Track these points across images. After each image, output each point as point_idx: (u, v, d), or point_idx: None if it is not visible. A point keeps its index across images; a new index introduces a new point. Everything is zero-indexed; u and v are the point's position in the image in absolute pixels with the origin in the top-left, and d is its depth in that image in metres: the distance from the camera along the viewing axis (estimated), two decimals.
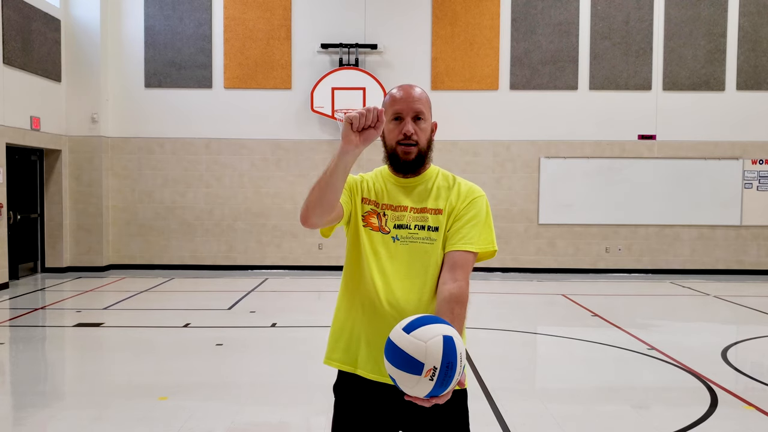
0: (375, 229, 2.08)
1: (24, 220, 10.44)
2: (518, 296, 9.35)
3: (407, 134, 2.01)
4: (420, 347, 1.61)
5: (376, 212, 2.10)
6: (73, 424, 4.20)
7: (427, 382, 1.61)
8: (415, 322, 1.67)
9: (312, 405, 4.59)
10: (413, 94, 2.03)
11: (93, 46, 11.06)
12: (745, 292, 9.67)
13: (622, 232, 11.45)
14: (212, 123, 11.36)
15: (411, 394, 1.65)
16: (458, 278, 1.96)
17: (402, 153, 2.03)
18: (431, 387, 1.62)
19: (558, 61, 11.32)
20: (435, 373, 1.60)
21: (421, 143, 2.04)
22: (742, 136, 11.35)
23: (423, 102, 2.04)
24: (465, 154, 11.33)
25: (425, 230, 2.04)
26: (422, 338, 1.62)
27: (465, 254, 2.00)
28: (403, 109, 2.02)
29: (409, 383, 1.63)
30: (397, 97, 2.03)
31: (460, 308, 1.90)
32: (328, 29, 11.28)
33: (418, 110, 2.02)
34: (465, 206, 2.06)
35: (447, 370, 1.61)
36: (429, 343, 1.61)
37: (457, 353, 1.63)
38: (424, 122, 2.04)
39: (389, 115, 2.04)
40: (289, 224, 11.43)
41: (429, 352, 1.60)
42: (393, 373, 1.65)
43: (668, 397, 4.84)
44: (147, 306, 8.39)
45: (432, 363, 1.60)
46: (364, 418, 2.05)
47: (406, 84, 2.08)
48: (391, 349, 1.65)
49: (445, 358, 1.61)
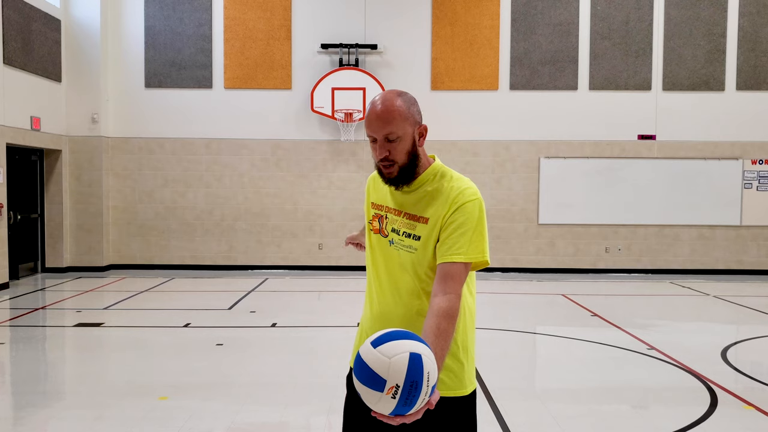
0: (376, 232, 2.08)
1: (24, 220, 10.44)
2: (518, 296, 9.36)
3: (380, 158, 1.96)
4: (383, 363, 1.53)
5: (380, 215, 2.09)
6: (73, 424, 4.20)
7: (389, 399, 1.53)
8: (384, 336, 1.60)
9: (312, 405, 4.59)
10: (382, 116, 1.93)
11: (93, 46, 11.06)
12: (745, 292, 9.67)
13: (622, 232, 11.45)
14: (212, 123, 11.37)
15: (376, 410, 1.58)
16: (449, 291, 1.87)
17: (384, 170, 1.99)
18: (394, 405, 1.54)
19: (558, 61, 11.32)
20: (397, 392, 1.52)
21: (400, 161, 1.97)
22: (742, 136, 11.35)
23: (394, 121, 1.92)
24: (465, 154, 11.33)
25: (410, 238, 2.00)
26: (387, 354, 1.55)
27: (455, 265, 1.90)
28: (372, 133, 1.96)
29: (371, 399, 1.56)
30: (368, 119, 1.96)
31: (447, 323, 1.81)
32: (328, 29, 11.28)
33: (387, 133, 1.93)
34: (452, 213, 1.94)
35: (411, 389, 1.53)
36: (393, 359, 1.53)
37: (423, 372, 1.54)
38: (399, 141, 1.94)
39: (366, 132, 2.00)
40: (289, 224, 11.44)
41: (392, 369, 1.52)
42: (358, 387, 1.58)
43: (668, 397, 4.85)
44: (147, 306, 8.39)
45: (395, 381, 1.52)
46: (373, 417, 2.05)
47: (381, 97, 1.97)
48: (358, 363, 1.58)
49: (410, 377, 1.52)
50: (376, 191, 2.14)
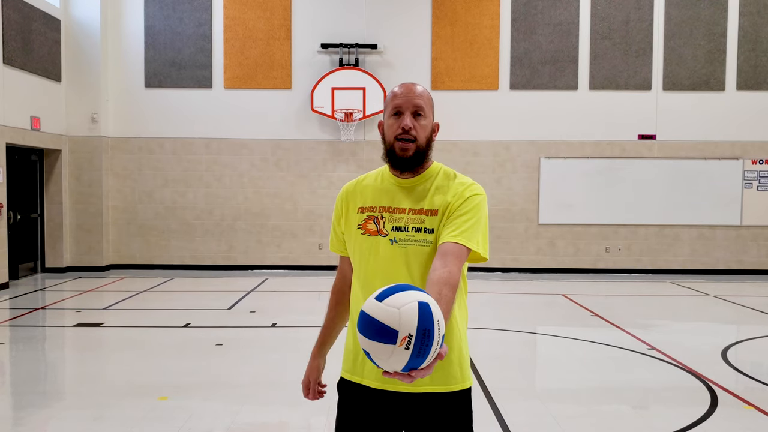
0: (373, 234, 2.06)
1: (24, 220, 10.44)
2: (518, 296, 9.35)
3: (405, 128, 1.97)
4: (393, 314, 1.51)
5: (373, 217, 2.07)
6: (73, 424, 4.20)
7: (403, 351, 1.50)
8: (387, 290, 1.57)
9: (312, 405, 4.56)
10: (414, 91, 2.01)
11: (93, 46, 11.05)
12: (745, 292, 9.67)
13: (622, 232, 11.45)
14: (212, 123, 11.36)
15: (388, 369, 1.55)
16: (448, 264, 1.84)
17: (399, 149, 2.00)
18: (408, 357, 1.50)
19: (558, 61, 11.31)
20: (411, 342, 1.49)
21: (420, 140, 2.00)
22: (742, 136, 11.35)
23: (424, 99, 2.01)
24: (465, 154, 11.33)
25: (422, 232, 1.99)
26: (396, 305, 1.52)
27: (457, 245, 1.90)
28: (402, 104, 1.99)
29: (383, 355, 1.52)
30: (398, 92, 2.02)
31: (448, 290, 1.79)
32: (328, 29, 11.27)
33: (418, 105, 1.99)
34: (460, 204, 1.97)
35: (423, 337, 1.50)
36: (403, 309, 1.51)
37: (434, 320, 1.52)
38: (423, 119, 2.00)
39: (389, 110, 2.02)
40: (289, 224, 11.43)
41: (403, 319, 1.50)
42: (366, 346, 1.54)
43: (668, 397, 4.84)
44: (147, 306, 8.39)
45: (407, 330, 1.49)
46: (367, 417, 2.05)
47: (409, 82, 2.06)
48: (364, 321, 1.54)
49: (421, 325, 1.50)
50: (362, 196, 2.13)
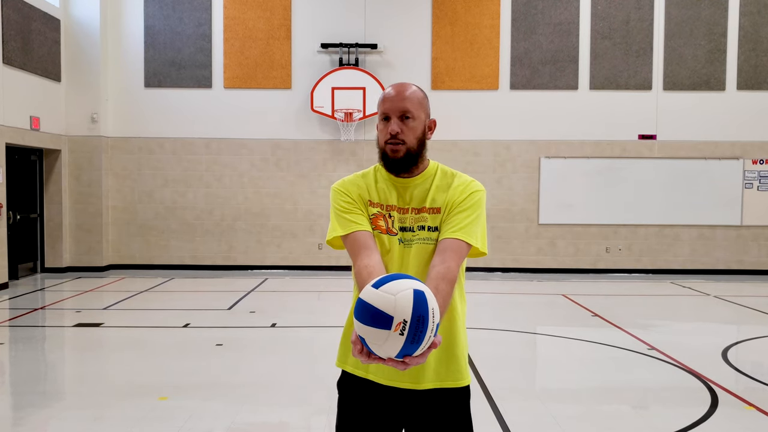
0: (384, 232, 2.05)
1: (24, 220, 10.43)
2: (518, 296, 9.35)
3: (392, 133, 1.99)
4: (389, 300, 1.56)
5: (383, 214, 2.07)
6: (73, 424, 4.19)
7: (398, 337, 1.55)
8: (385, 278, 1.63)
9: (312, 405, 4.59)
10: (402, 93, 2.00)
11: (93, 46, 11.05)
12: (745, 292, 9.66)
13: (622, 232, 11.45)
14: (212, 123, 11.36)
15: (382, 355, 1.59)
16: (447, 260, 1.90)
17: (390, 151, 2.01)
18: (402, 343, 1.56)
19: (558, 61, 11.31)
20: (405, 327, 1.54)
21: (409, 142, 2.00)
22: (742, 136, 11.34)
23: (412, 100, 2.00)
24: (465, 154, 11.32)
25: (425, 230, 2.02)
26: (391, 292, 1.57)
27: (456, 241, 1.95)
28: (389, 109, 2.00)
29: (378, 340, 1.57)
30: (386, 96, 2.03)
31: (446, 285, 1.83)
32: (328, 29, 11.27)
33: (404, 109, 1.99)
34: (461, 200, 2.01)
35: (418, 324, 1.55)
36: (398, 296, 1.56)
37: (428, 307, 1.57)
38: (412, 120, 2.00)
39: (379, 115, 2.05)
40: (289, 224, 11.43)
41: (398, 305, 1.55)
42: (362, 331, 1.59)
43: (668, 397, 4.84)
44: (147, 306, 8.38)
45: (402, 316, 1.54)
46: (368, 415, 2.05)
47: (399, 82, 2.06)
48: (360, 307, 1.59)
49: (416, 312, 1.55)
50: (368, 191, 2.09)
